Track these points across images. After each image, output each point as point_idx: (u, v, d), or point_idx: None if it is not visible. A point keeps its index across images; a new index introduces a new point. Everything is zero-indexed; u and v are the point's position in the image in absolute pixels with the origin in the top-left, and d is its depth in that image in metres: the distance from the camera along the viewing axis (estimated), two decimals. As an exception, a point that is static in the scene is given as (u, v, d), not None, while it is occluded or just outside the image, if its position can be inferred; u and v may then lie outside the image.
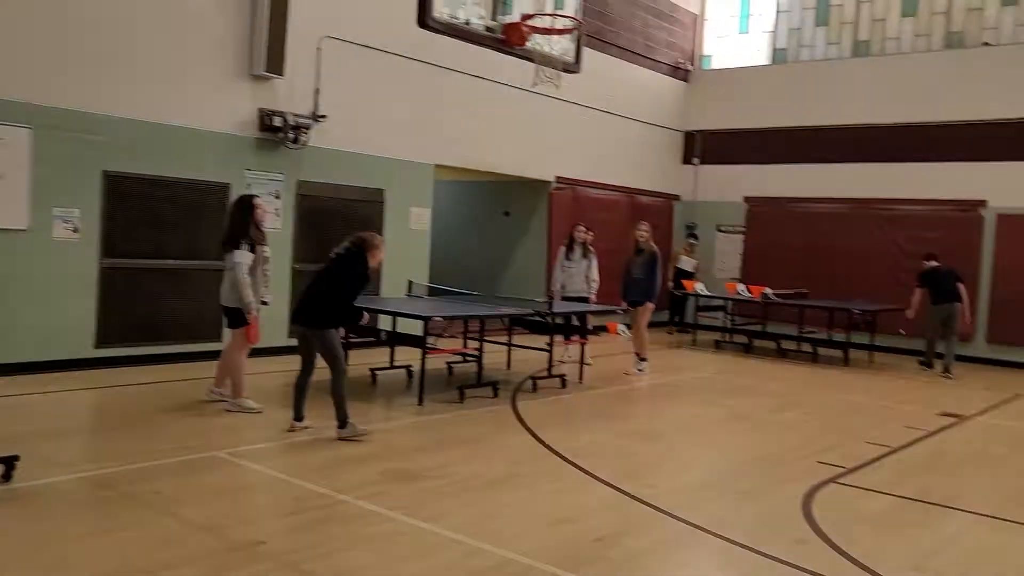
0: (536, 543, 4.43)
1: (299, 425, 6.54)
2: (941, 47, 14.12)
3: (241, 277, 6.88)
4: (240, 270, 6.88)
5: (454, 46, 10.73)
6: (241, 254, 6.89)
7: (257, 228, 7.08)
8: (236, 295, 6.96)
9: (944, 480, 6.34)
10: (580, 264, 10.57)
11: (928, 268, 11.99)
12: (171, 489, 4.98)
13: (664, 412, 8.37)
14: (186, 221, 9.25)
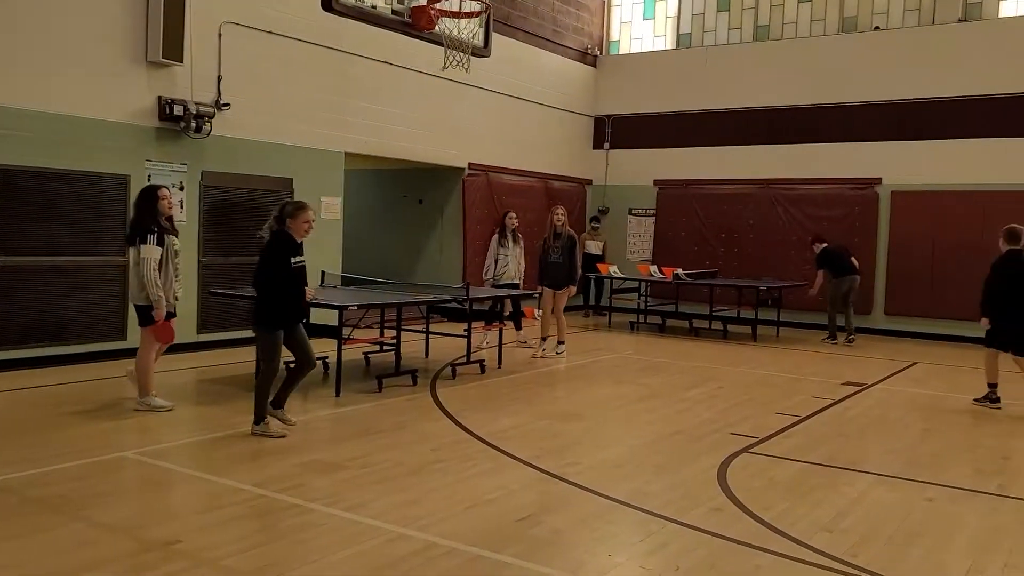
0: (459, 526, 4.43)
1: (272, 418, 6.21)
2: (836, 31, 14.66)
3: (148, 273, 6.58)
4: (147, 265, 6.59)
5: (361, 30, 10.59)
6: (148, 248, 6.60)
7: (165, 220, 6.81)
8: (144, 292, 6.68)
9: (849, 445, 6.62)
10: (514, 251, 10.72)
11: (821, 250, 12.57)
12: (79, 492, 4.77)
13: (582, 393, 8.48)
14: (83, 216, 8.83)
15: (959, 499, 5.25)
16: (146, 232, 6.63)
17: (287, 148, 10.82)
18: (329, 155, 11.41)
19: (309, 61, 10.98)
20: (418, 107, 12.68)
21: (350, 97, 11.62)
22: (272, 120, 10.60)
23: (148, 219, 6.68)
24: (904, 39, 13.85)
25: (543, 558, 4.07)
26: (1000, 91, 12.91)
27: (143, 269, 6.60)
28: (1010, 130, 12.82)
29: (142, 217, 6.74)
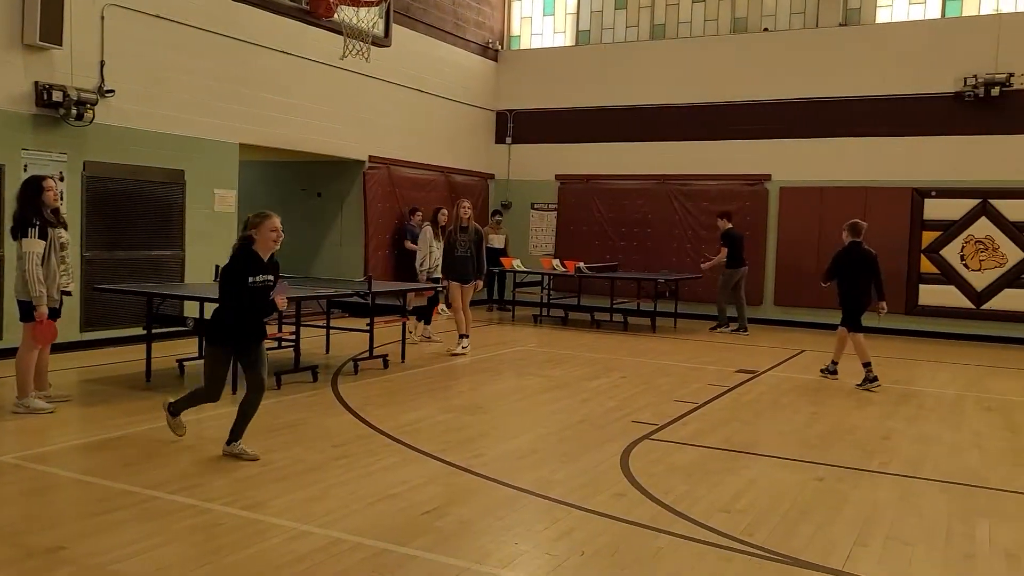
0: (364, 521, 4.37)
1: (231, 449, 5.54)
2: (728, 32, 15.15)
3: (30, 268, 6.22)
4: (29, 260, 6.23)
5: (257, 17, 10.30)
6: (30, 242, 6.24)
7: (51, 212, 6.45)
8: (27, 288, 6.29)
9: (744, 429, 6.86)
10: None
11: (728, 229, 13.00)
12: (-51, 501, 4.47)
13: (487, 386, 8.50)
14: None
15: (845, 477, 5.51)
16: (27, 225, 6.27)
17: (178, 138, 10.40)
18: (223, 146, 11.03)
19: (201, 48, 10.59)
20: (317, 98, 12.41)
21: (245, 86, 11.27)
22: (161, 108, 10.17)
23: (30, 211, 6.33)
24: (790, 41, 14.44)
25: (450, 549, 4.05)
26: (877, 93, 13.63)
27: (25, 264, 6.24)
28: (886, 130, 13.55)
29: (24, 209, 6.37)
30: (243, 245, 5.44)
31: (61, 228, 6.56)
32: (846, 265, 8.92)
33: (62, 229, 6.57)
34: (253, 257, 5.41)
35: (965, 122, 13.07)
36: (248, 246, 5.42)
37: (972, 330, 13.09)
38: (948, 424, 7.25)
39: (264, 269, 5.44)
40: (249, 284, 5.34)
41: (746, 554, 4.11)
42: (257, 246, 5.41)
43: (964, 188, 13.09)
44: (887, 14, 14.11)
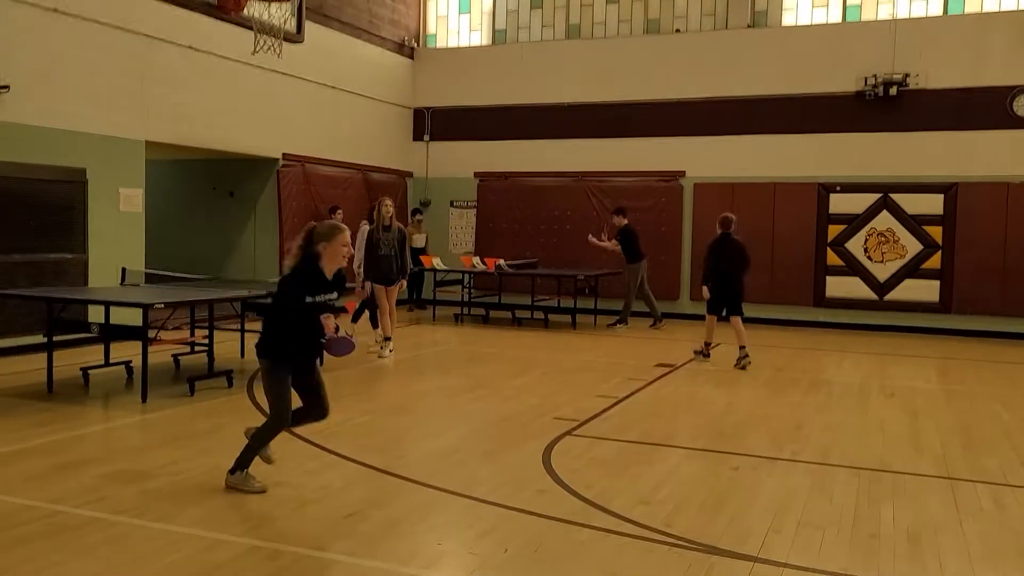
0: (283, 527, 4.28)
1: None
2: (641, 32, 15.41)
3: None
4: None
5: (163, 11, 9.96)
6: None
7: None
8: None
9: (662, 422, 7.00)
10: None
11: (625, 225, 13.25)
12: None
13: (408, 386, 8.43)
14: None
15: (760, 466, 5.68)
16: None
17: (79, 135, 9.97)
18: (128, 144, 10.63)
19: (104, 43, 10.17)
20: (227, 95, 12.08)
21: (151, 83, 10.87)
22: (61, 105, 9.73)
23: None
24: (701, 42, 14.78)
25: (372, 552, 4.00)
26: (784, 92, 14.08)
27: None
28: (793, 127, 14.02)
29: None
30: (310, 259, 4.83)
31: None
32: (720, 255, 9.77)
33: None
34: (318, 274, 4.82)
35: (866, 120, 13.63)
36: (315, 261, 4.83)
37: (876, 320, 13.67)
38: (855, 411, 7.56)
39: (328, 287, 4.88)
40: (307, 303, 4.79)
41: (666, 544, 4.19)
42: (323, 262, 4.82)
43: (866, 183, 13.66)
44: (792, 17, 14.59)
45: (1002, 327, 12.97)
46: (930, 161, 13.32)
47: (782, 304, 14.11)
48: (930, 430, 6.83)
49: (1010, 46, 12.91)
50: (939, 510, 4.82)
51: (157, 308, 7.14)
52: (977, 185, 13.07)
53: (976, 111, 13.07)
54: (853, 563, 4.04)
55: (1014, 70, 12.86)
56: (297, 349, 4.90)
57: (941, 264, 13.31)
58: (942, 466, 5.77)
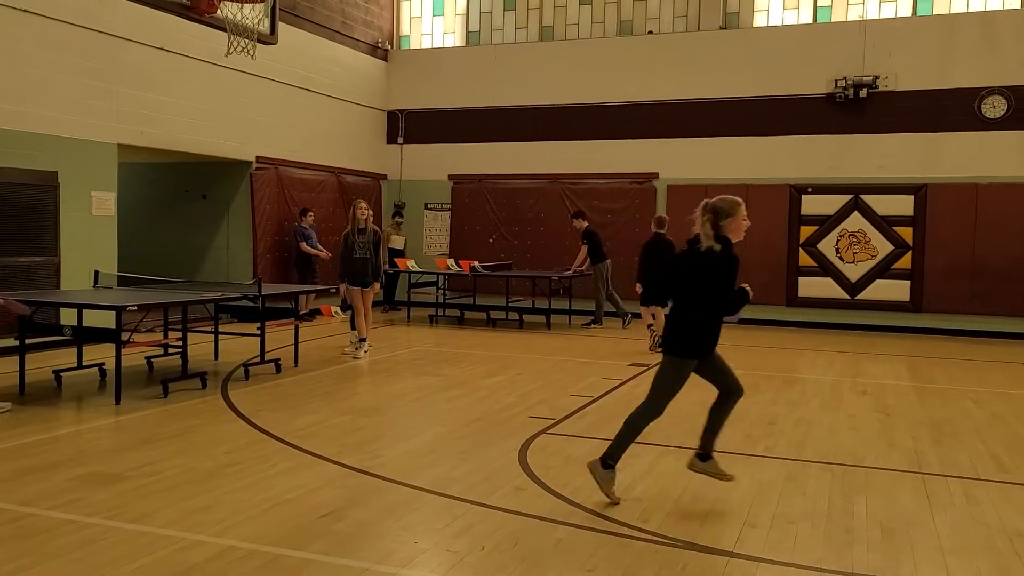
0: (258, 528, 4.25)
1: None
2: (614, 34, 15.50)
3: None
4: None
5: (135, 12, 9.87)
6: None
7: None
8: None
9: (637, 420, 7.02)
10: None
11: (587, 227, 13.35)
12: None
13: (384, 387, 8.40)
14: None
15: (735, 462, 5.71)
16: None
17: (49, 138, 9.84)
18: (100, 146, 10.51)
19: (75, 44, 10.06)
20: (200, 97, 11.98)
21: (123, 84, 10.76)
22: (31, 108, 9.60)
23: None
24: (674, 43, 14.89)
25: (348, 551, 3.99)
26: (756, 94, 14.22)
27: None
28: (765, 129, 14.17)
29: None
30: (727, 242, 4.71)
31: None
32: (653, 253, 10.83)
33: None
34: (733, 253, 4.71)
35: (837, 122, 13.81)
36: (730, 242, 4.70)
37: (847, 319, 13.84)
38: (827, 408, 7.64)
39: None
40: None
41: (642, 540, 4.21)
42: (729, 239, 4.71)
43: (837, 185, 13.83)
44: (764, 19, 14.75)
45: (971, 326, 13.19)
46: (900, 162, 13.52)
47: (755, 304, 14.19)
48: (902, 426, 6.93)
49: (978, 48, 13.14)
50: (911, 504, 4.90)
51: (130, 310, 7.06)
52: (946, 186, 13.29)
53: (945, 113, 13.29)
54: (827, 556, 4.09)
55: (982, 72, 13.09)
56: (713, 338, 4.86)
57: (911, 264, 13.51)
58: (914, 461, 5.86)
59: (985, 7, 13.58)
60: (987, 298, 13.09)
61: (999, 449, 6.20)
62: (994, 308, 13.07)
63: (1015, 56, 12.96)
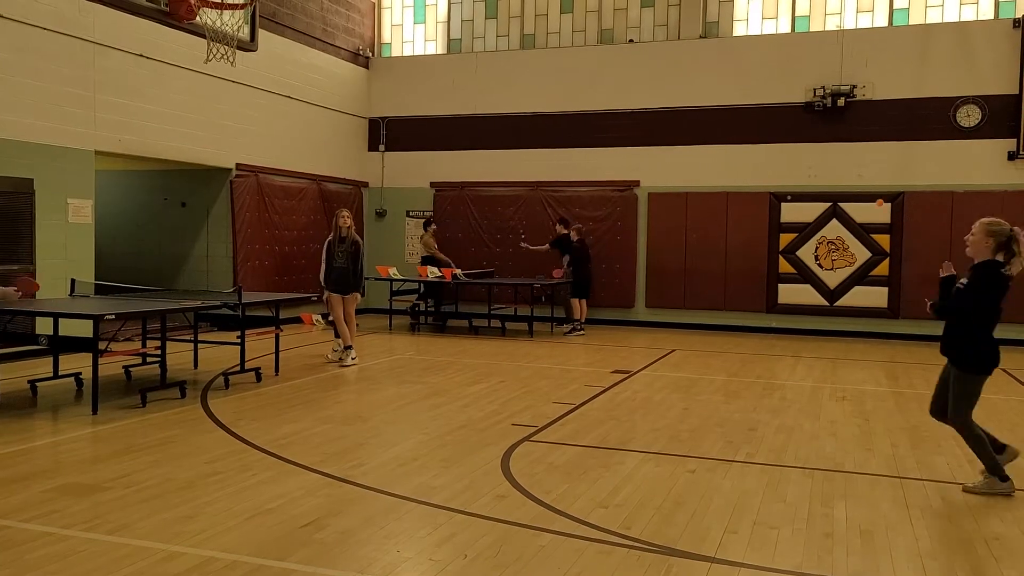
0: (239, 538, 4.21)
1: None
2: (595, 42, 15.58)
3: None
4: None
5: (113, 18, 9.82)
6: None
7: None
8: None
9: (619, 427, 7.04)
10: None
11: (562, 236, 13.54)
12: None
13: (365, 395, 8.37)
14: None
15: (715, 468, 5.75)
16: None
17: (24, 145, 9.74)
18: (76, 153, 10.42)
19: (51, 50, 9.97)
20: (178, 104, 11.91)
21: (100, 91, 10.68)
22: (5, 114, 9.51)
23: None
24: (654, 52, 14.99)
25: (330, 560, 3.97)
26: (735, 102, 14.34)
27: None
28: (744, 137, 14.29)
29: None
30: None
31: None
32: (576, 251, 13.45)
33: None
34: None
35: (815, 130, 13.95)
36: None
37: (826, 326, 13.95)
38: (807, 414, 7.70)
39: None
40: None
41: (624, 547, 4.22)
42: None
43: (816, 192, 13.96)
44: (743, 28, 14.88)
45: (947, 331, 13.31)
46: (878, 171, 13.67)
47: (735, 311, 14.34)
48: (880, 431, 6.99)
49: (953, 57, 13.33)
50: (890, 508, 4.94)
51: (108, 319, 6.99)
52: (923, 194, 13.45)
53: (921, 121, 13.46)
54: (808, 561, 4.11)
55: (957, 81, 13.28)
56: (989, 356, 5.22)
57: (889, 271, 13.65)
58: (892, 465, 5.91)
59: (960, 17, 13.78)
60: (963, 304, 13.22)
61: (976, 454, 6.26)
62: (970, 314, 13.21)
63: (989, 66, 13.16)
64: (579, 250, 13.72)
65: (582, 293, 13.64)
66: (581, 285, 13.61)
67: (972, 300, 5.14)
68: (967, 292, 5.17)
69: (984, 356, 5.18)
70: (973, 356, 5.19)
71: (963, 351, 5.21)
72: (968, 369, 5.21)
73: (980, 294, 5.11)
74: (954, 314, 5.26)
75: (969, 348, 5.18)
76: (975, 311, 5.14)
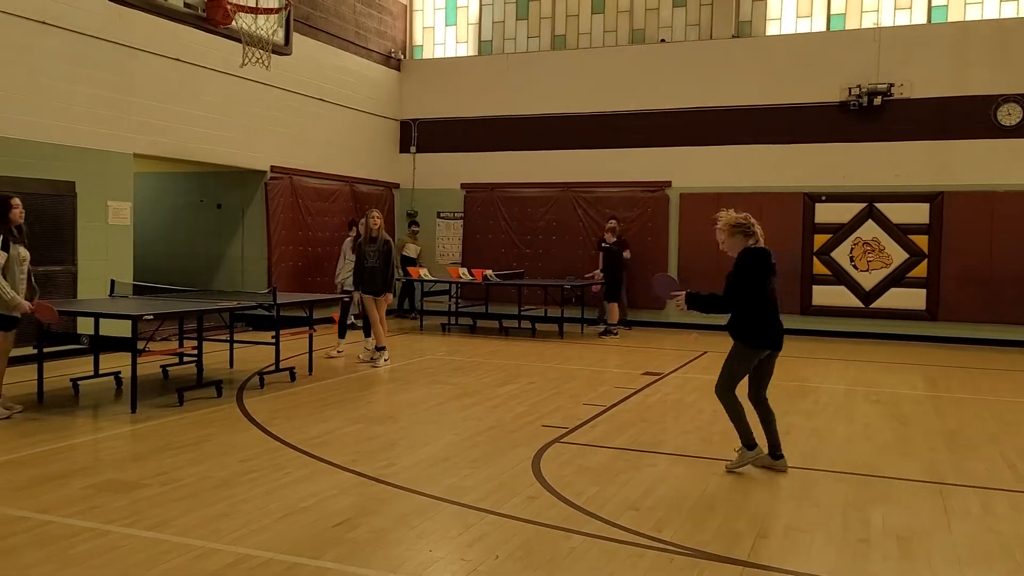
0: (274, 536, 4.27)
1: None
2: (627, 43, 15.53)
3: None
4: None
5: (150, 24, 9.98)
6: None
7: (15, 228, 6.80)
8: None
9: (650, 429, 7.02)
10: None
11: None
12: None
13: (396, 395, 8.43)
14: None
15: (747, 472, 5.71)
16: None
17: (67, 149, 9.95)
18: (115, 156, 10.61)
19: (92, 56, 10.17)
20: (215, 107, 12.09)
21: (139, 95, 10.88)
22: (48, 119, 9.71)
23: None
24: (686, 52, 14.91)
25: (363, 559, 4.01)
26: (768, 102, 14.21)
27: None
28: (778, 137, 14.15)
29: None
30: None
31: (21, 245, 6.83)
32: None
33: (21, 246, 6.84)
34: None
35: (851, 130, 13.77)
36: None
37: (861, 328, 13.77)
38: (841, 418, 7.61)
39: None
40: None
41: (656, 550, 4.21)
42: None
43: (851, 193, 13.79)
44: (776, 27, 14.74)
45: (987, 334, 13.09)
46: (915, 170, 13.47)
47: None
48: (917, 436, 6.89)
49: (993, 55, 13.09)
50: (928, 514, 4.87)
51: (146, 319, 7.12)
52: (962, 194, 13.22)
53: (960, 120, 13.23)
54: (842, 566, 4.08)
55: (997, 79, 13.03)
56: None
57: (927, 272, 13.43)
58: (930, 471, 5.82)
59: (1000, 14, 13.53)
60: (1003, 306, 13.00)
61: (1015, 458, 6.16)
62: (1011, 316, 12.98)
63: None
64: (612, 251, 13.67)
65: (613, 296, 13.60)
66: (613, 287, 13.58)
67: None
68: None
69: None
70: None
71: None
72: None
73: None
74: None
75: None
76: None
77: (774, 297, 5.62)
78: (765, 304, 5.55)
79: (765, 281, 5.53)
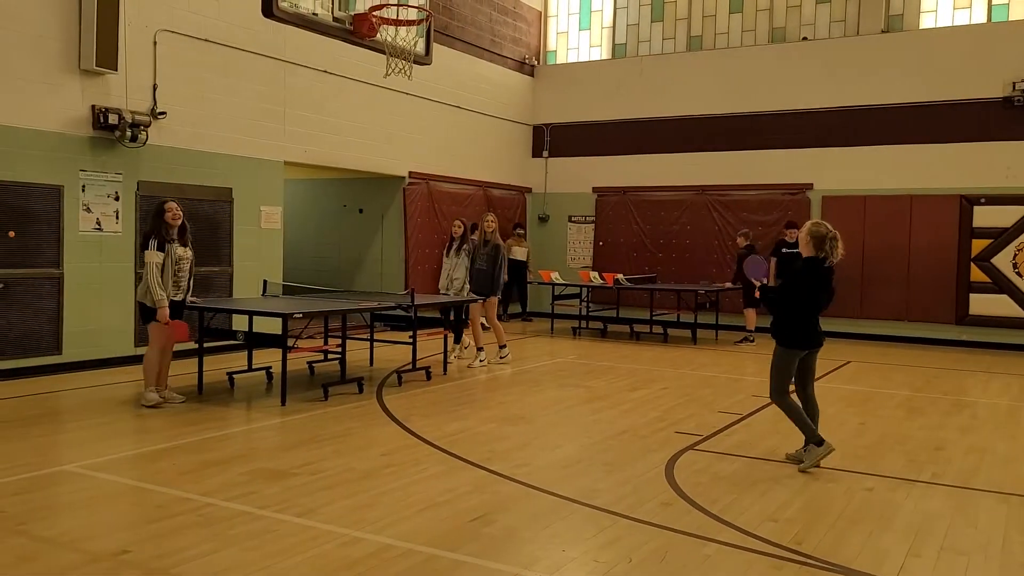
0: (413, 527, 4.43)
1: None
2: (766, 42, 15.10)
3: (148, 275, 7.12)
4: (147, 269, 7.14)
5: (302, 38, 10.56)
6: (148, 254, 7.18)
7: (171, 230, 7.29)
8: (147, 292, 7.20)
9: (789, 441, 6.77)
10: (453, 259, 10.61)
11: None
12: (17, 507, 4.63)
13: (528, 397, 8.53)
14: (14, 227, 8.54)
15: (896, 488, 5.45)
16: (147, 239, 7.25)
17: (226, 157, 10.65)
18: (268, 164, 11.28)
19: (248, 69, 10.86)
20: (358, 116, 12.63)
21: (290, 106, 11.51)
22: (210, 129, 10.44)
23: (150, 229, 7.33)
24: (830, 49, 14.33)
25: (498, 555, 4.09)
26: (921, 99, 13.45)
27: (145, 273, 7.19)
28: (931, 136, 13.37)
29: (146, 227, 7.60)
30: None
31: (179, 245, 7.36)
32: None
33: (180, 246, 7.37)
34: None
35: (1014, 127, 12.85)
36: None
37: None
38: (1002, 434, 7.12)
39: None
40: None
41: (796, 563, 4.09)
42: None
43: (1015, 195, 12.85)
44: (931, 20, 13.95)
45: None
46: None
47: (919, 321, 13.45)
48: (1088, 456, 6.36)
49: None
50: (1099, 541, 4.49)
51: (295, 318, 7.54)
52: None
53: None
54: (1001, 591, 3.83)
55: None
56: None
57: (1100, 280, 12.35)
58: (1102, 495, 5.36)
59: None
60: None
61: None
62: None
63: None
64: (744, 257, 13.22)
65: (750, 302, 13.22)
66: (748, 294, 13.20)
67: None
68: None
69: None
70: None
71: None
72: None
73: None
74: None
75: None
76: None
77: (818, 306, 5.95)
78: (806, 311, 5.89)
79: (813, 294, 5.88)
